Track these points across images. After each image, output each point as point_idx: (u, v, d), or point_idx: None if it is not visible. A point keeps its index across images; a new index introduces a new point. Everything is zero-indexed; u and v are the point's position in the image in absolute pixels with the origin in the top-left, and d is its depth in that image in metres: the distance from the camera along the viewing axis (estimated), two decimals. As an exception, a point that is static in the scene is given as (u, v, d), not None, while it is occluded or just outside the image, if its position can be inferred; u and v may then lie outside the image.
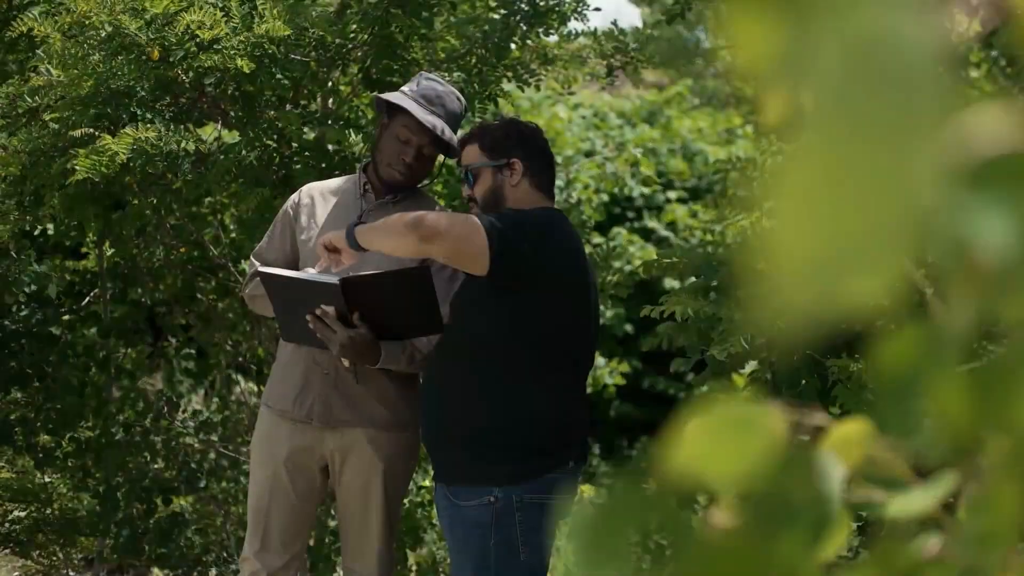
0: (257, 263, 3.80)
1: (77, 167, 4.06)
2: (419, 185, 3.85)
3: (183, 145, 4.19)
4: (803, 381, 3.18)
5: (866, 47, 0.52)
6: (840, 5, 0.53)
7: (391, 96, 3.70)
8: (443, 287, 3.57)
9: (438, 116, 3.67)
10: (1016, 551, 0.62)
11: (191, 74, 4.27)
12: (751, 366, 3.60)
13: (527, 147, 3.53)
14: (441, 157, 3.83)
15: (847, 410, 3.03)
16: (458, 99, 3.73)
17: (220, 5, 4.28)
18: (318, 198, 3.82)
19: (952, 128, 0.54)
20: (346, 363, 3.62)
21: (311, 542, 5.23)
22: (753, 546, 0.61)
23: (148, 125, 4.14)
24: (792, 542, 0.61)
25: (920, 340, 0.56)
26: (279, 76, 4.35)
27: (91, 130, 4.17)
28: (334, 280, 3.40)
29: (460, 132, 3.79)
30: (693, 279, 4.07)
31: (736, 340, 2.90)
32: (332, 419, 3.70)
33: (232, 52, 4.15)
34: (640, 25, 5.63)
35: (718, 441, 0.63)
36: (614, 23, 5.61)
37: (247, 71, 4.16)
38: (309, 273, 3.53)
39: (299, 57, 4.42)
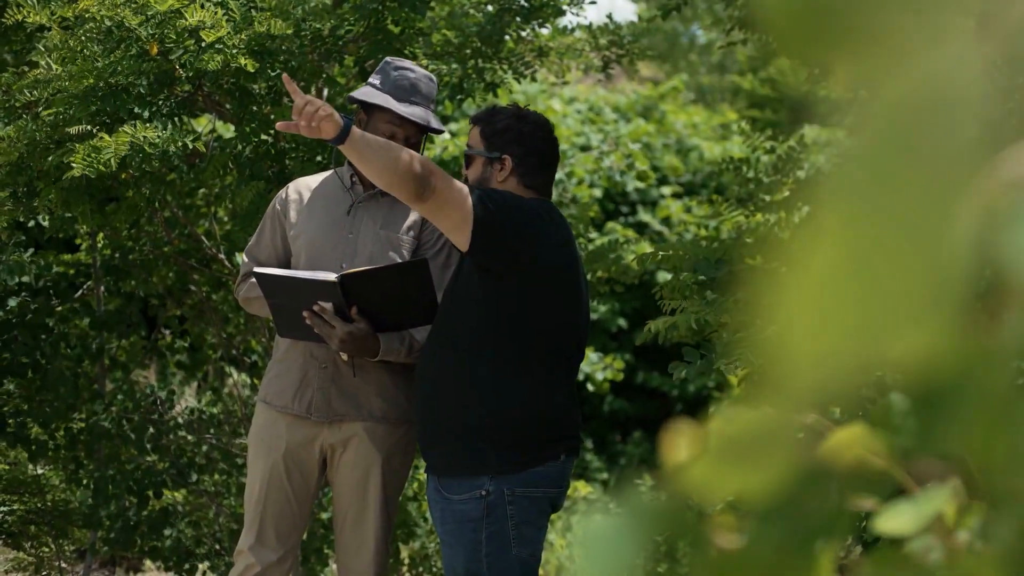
0: (248, 260, 3.80)
1: (73, 163, 4.04)
2: None
3: (179, 143, 4.17)
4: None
5: (917, 103, 0.51)
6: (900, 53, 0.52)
7: (366, 95, 3.65)
8: (437, 275, 3.58)
9: (416, 104, 3.64)
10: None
11: (190, 70, 4.26)
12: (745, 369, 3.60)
13: (524, 145, 3.50)
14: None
15: (847, 418, 3.03)
16: (430, 79, 3.70)
17: (220, 2, 4.26)
18: (306, 193, 3.82)
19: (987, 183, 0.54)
20: (345, 357, 3.62)
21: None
22: (770, 561, 0.60)
23: (146, 124, 4.13)
24: (811, 557, 0.60)
25: (964, 358, 0.56)
26: (276, 71, 4.33)
27: (88, 127, 4.16)
28: (332, 277, 3.40)
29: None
30: (685, 275, 4.07)
31: (743, 354, 2.90)
32: (331, 413, 3.70)
33: (234, 51, 4.14)
34: (635, 19, 5.61)
35: (736, 454, 0.62)
36: (609, 16, 5.61)
37: (252, 70, 4.15)
38: (305, 271, 3.54)
39: (295, 49, 4.41)
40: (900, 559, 0.66)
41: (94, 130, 4.15)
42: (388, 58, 3.75)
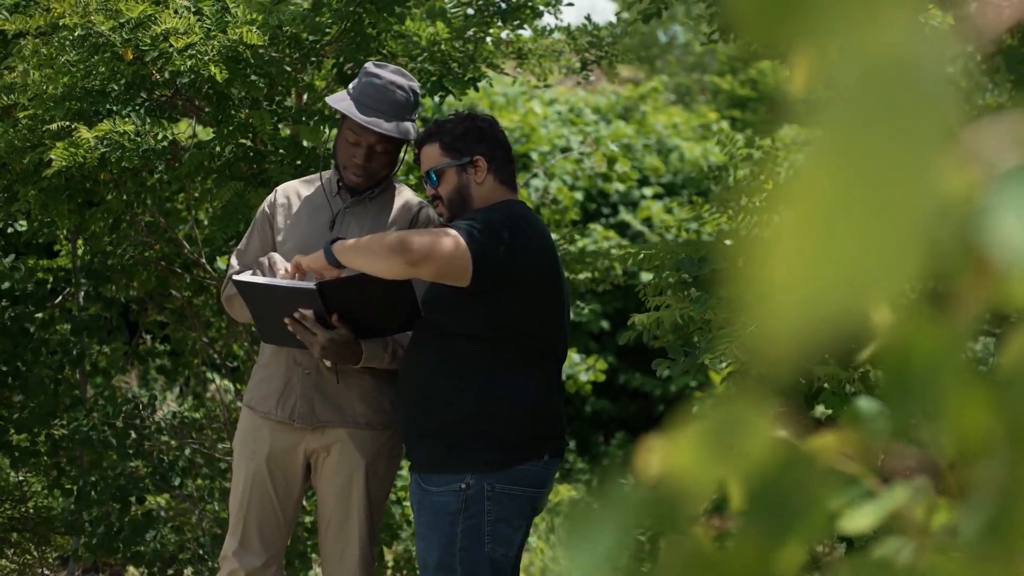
0: (237, 264, 3.79)
1: (53, 157, 4.05)
2: (391, 174, 3.79)
3: (159, 138, 4.18)
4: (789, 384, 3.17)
5: (882, 69, 0.52)
6: (858, 26, 0.53)
7: (333, 99, 3.64)
8: (421, 283, 3.57)
9: (380, 112, 3.58)
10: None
11: (165, 73, 4.26)
12: (729, 364, 3.60)
13: (488, 142, 3.52)
14: (405, 146, 3.78)
15: (833, 415, 3.03)
16: (400, 87, 3.62)
17: (193, 8, 4.26)
18: (294, 197, 3.81)
19: (959, 146, 0.54)
20: (328, 363, 3.62)
21: (287, 539, 5.21)
22: (750, 550, 0.61)
23: (124, 119, 4.14)
24: (789, 546, 0.61)
25: (935, 340, 0.56)
26: (253, 78, 4.34)
27: (68, 123, 4.17)
28: (311, 285, 3.40)
29: (416, 129, 3.71)
30: (668, 273, 4.08)
31: (729, 348, 2.90)
32: (314, 419, 3.69)
33: (206, 59, 4.14)
34: (614, 20, 5.63)
35: (715, 444, 0.62)
36: (587, 18, 5.61)
37: (220, 79, 4.16)
38: (284, 279, 3.53)
39: (273, 55, 4.40)
40: (876, 561, 0.67)
41: (72, 126, 4.15)
42: (368, 63, 3.72)
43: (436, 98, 4.82)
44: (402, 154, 3.75)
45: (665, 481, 0.64)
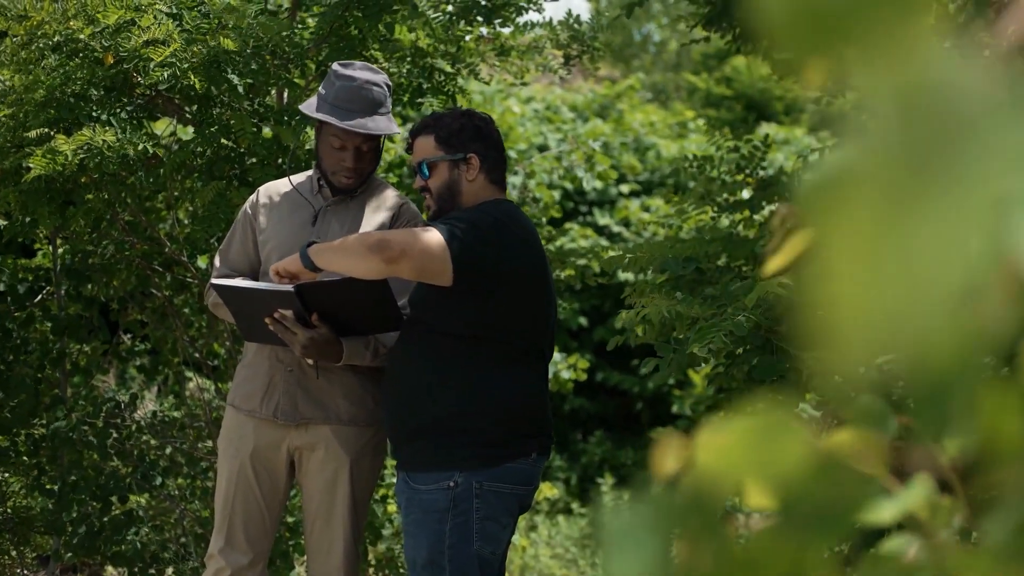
0: (219, 265, 3.79)
1: (32, 165, 4.05)
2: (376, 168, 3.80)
3: (139, 147, 4.18)
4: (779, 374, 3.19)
5: (921, 96, 0.53)
6: (896, 55, 0.54)
7: (310, 108, 3.63)
8: (401, 281, 3.58)
9: (359, 112, 3.60)
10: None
11: (147, 79, 4.26)
12: (709, 364, 3.62)
13: (483, 140, 3.53)
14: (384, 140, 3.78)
15: (824, 403, 3.05)
16: (375, 84, 3.63)
17: (173, 14, 4.26)
18: (276, 198, 3.82)
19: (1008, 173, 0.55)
20: (310, 361, 3.63)
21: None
22: (788, 552, 0.62)
23: (106, 128, 4.13)
24: (826, 548, 0.62)
25: (967, 345, 0.57)
26: (235, 82, 4.33)
27: (47, 130, 4.17)
28: (289, 288, 3.41)
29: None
30: (651, 273, 4.09)
31: (717, 336, 2.91)
32: (297, 416, 3.70)
33: (185, 66, 4.14)
34: (593, 15, 5.65)
35: (753, 447, 0.63)
36: (569, 12, 5.63)
37: (199, 88, 4.16)
38: (263, 282, 3.54)
39: (255, 65, 4.40)
40: (892, 560, 0.68)
41: (52, 133, 4.15)
42: (334, 64, 3.71)
43: (416, 102, 4.82)
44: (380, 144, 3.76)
45: (696, 483, 0.64)
